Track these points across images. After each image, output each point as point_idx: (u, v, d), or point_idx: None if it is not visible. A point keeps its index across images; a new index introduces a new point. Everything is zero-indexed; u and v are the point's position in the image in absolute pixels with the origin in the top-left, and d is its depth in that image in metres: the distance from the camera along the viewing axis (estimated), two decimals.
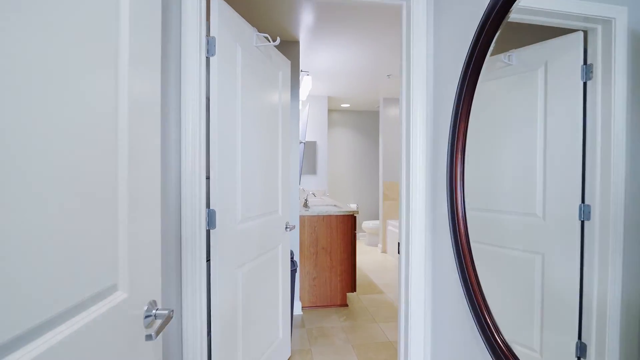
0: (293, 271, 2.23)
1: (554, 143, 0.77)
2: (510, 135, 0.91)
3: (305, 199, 3.33)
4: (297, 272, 2.82)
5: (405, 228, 1.36)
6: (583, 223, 0.71)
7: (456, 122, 1.11)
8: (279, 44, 2.73)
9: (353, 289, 3.01)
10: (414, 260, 1.31)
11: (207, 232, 1.32)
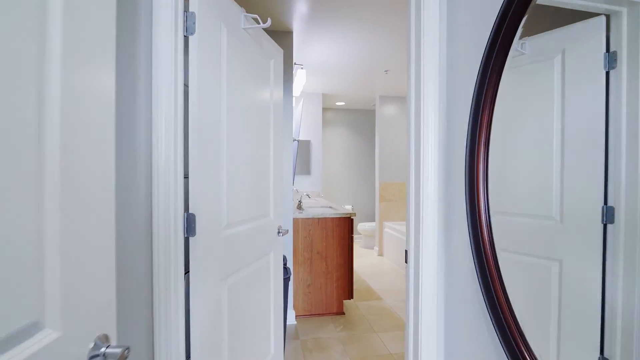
0: (286, 279, 2.05)
1: (573, 139, 0.71)
2: (524, 130, 0.83)
3: (299, 201, 3.15)
4: (291, 280, 2.64)
5: (414, 235, 1.19)
6: (606, 226, 0.65)
7: (478, 113, 0.94)
8: (271, 33, 2.55)
9: (350, 295, 2.84)
10: (425, 270, 1.14)
11: (186, 241, 1.13)
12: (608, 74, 0.64)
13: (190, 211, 1.11)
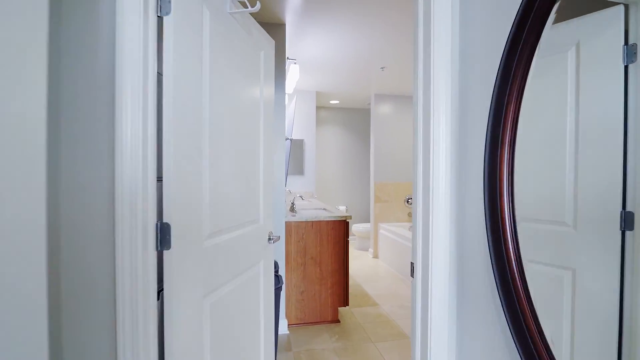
0: (278, 289, 1.90)
1: (588, 138, 0.65)
2: (533, 130, 0.77)
3: (292, 203, 3.00)
4: (283, 288, 2.48)
5: (421, 246, 1.05)
6: (624, 233, 0.60)
7: (500, 109, 0.81)
8: (262, 25, 2.39)
9: (345, 302, 2.70)
10: (435, 287, 1.00)
11: (160, 254, 0.98)
12: (627, 68, 0.59)
13: (164, 220, 0.96)
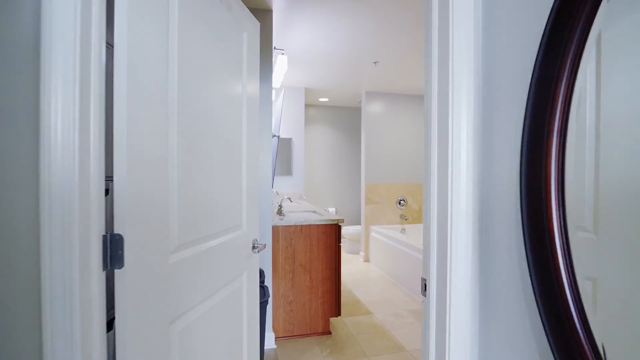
0: (263, 303, 1.70)
1: (611, 121, 0.55)
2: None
3: (280, 205, 2.80)
4: (270, 301, 2.28)
5: (436, 259, 0.87)
6: None
7: (546, 89, 0.63)
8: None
9: (337, 312, 2.52)
10: (455, 308, 0.82)
11: (110, 274, 0.77)
12: None
13: (115, 231, 0.75)
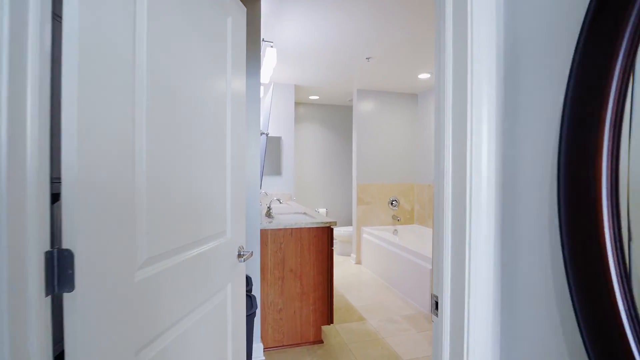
0: (250, 316, 1.56)
1: None
2: None
3: (268, 207, 2.66)
4: (258, 313, 2.13)
5: (451, 273, 0.75)
6: None
7: (594, 67, 0.52)
8: None
9: (330, 320, 2.39)
10: (474, 333, 0.70)
11: (58, 299, 0.62)
12: None
13: (64, 246, 0.61)
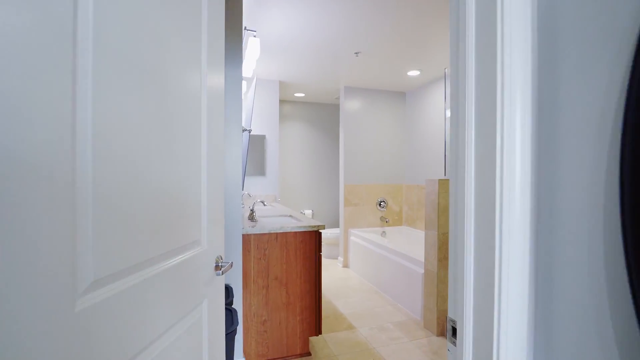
0: (231, 334, 1.39)
1: None
2: None
3: (251, 209, 2.48)
4: (240, 322, 1.95)
5: (472, 290, 0.62)
6: None
7: None
8: None
9: (318, 330, 2.24)
10: None
11: None
12: None
13: None
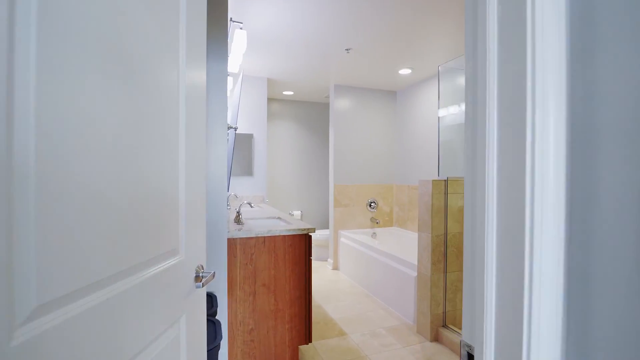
0: (213, 350, 1.27)
1: None
2: None
3: (238, 212, 2.36)
4: (224, 340, 1.83)
5: (493, 310, 0.52)
6: None
7: None
8: None
9: (308, 339, 2.13)
10: None
11: None
12: None
13: None
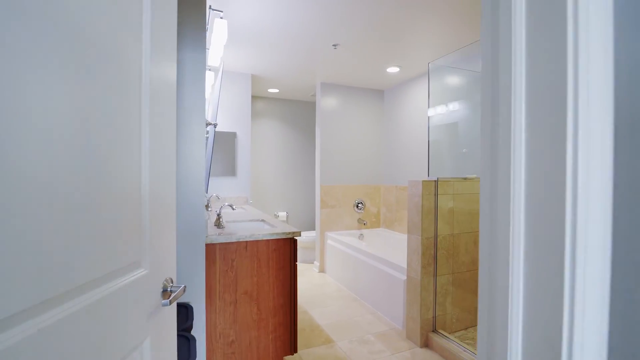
0: None
1: None
2: None
3: (218, 214, 2.22)
4: (201, 355, 1.69)
5: (520, 327, 0.42)
6: None
7: None
8: None
9: (293, 349, 2.02)
10: None
11: None
12: None
13: None
